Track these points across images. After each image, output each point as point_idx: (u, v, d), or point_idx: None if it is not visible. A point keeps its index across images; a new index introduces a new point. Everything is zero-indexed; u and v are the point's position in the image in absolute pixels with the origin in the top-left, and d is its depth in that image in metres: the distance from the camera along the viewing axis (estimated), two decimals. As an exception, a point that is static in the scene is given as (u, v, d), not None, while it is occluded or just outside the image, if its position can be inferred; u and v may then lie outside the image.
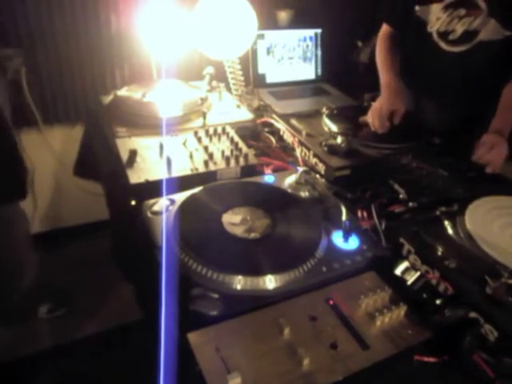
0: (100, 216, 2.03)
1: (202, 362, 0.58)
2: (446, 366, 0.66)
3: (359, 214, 0.95)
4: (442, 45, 1.35)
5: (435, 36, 1.36)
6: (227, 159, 1.07)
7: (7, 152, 1.43)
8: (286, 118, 1.36)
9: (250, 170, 1.08)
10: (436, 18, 1.33)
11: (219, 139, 1.18)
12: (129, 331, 1.65)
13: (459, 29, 1.30)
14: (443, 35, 1.34)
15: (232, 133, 1.21)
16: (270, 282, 0.72)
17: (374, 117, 1.28)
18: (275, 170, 1.13)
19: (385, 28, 1.51)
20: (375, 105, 1.33)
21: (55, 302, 1.83)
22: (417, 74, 1.46)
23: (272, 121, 1.37)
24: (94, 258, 1.92)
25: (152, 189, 0.94)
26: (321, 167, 1.14)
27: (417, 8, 1.36)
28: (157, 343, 0.62)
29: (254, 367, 0.58)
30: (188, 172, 1.02)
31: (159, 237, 0.80)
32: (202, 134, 1.19)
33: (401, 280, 0.75)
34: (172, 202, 0.89)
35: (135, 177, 0.98)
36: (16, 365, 1.59)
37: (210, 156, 1.09)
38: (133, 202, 0.94)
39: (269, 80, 1.70)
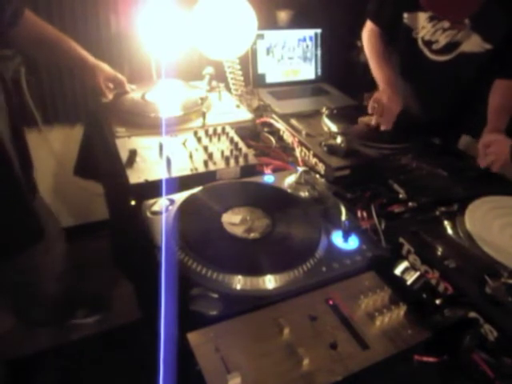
0: (100, 216, 2.03)
1: (201, 361, 0.58)
2: (446, 366, 0.66)
3: (359, 213, 0.95)
4: (427, 52, 1.38)
5: (420, 43, 1.38)
6: (227, 159, 1.07)
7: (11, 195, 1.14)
8: (285, 117, 1.36)
9: (249, 170, 1.08)
10: (422, 27, 1.35)
11: (219, 139, 1.18)
12: (129, 331, 1.65)
13: (442, 40, 1.33)
14: (427, 44, 1.37)
15: (232, 133, 1.21)
16: (270, 282, 0.72)
17: (381, 113, 1.27)
18: (275, 170, 1.13)
19: (371, 25, 1.50)
20: (379, 99, 1.29)
21: (90, 307, 1.80)
22: (402, 74, 1.48)
23: (272, 121, 1.37)
24: (94, 258, 1.92)
25: (152, 189, 0.94)
26: (320, 167, 1.14)
27: (405, 15, 1.37)
28: (157, 343, 0.62)
29: (254, 367, 0.58)
30: (188, 172, 1.02)
31: (159, 237, 0.80)
32: (201, 134, 1.19)
33: (400, 280, 0.74)
34: (172, 202, 0.89)
35: (135, 177, 0.98)
36: (15, 364, 1.59)
37: (210, 156, 1.09)
38: (132, 202, 0.94)
39: (268, 80, 1.70)
